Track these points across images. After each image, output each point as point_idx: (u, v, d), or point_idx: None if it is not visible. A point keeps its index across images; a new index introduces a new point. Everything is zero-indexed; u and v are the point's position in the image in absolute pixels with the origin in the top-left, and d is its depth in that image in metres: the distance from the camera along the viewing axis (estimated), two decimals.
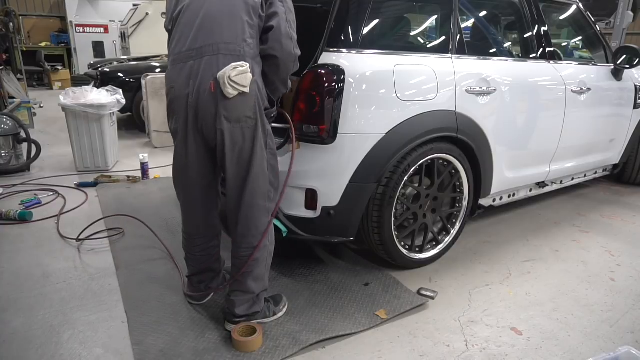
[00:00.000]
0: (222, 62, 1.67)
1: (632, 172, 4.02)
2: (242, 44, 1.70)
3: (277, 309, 2.07)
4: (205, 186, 1.96)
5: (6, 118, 4.29)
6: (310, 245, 2.76)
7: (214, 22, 1.72)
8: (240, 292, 1.93)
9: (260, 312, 1.99)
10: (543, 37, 2.97)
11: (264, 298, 2.03)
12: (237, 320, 1.94)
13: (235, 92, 1.66)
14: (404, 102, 2.20)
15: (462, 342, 1.97)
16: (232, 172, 1.79)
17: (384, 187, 2.24)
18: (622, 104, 3.52)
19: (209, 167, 1.90)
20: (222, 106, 1.68)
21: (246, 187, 1.80)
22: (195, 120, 1.76)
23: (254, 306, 1.96)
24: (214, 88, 1.67)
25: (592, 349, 1.96)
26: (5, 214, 3.09)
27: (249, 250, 1.88)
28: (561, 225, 3.27)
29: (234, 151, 1.75)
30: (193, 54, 1.73)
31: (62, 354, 1.84)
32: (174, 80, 1.79)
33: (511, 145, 2.78)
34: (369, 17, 2.23)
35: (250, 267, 1.89)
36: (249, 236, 1.87)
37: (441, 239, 2.62)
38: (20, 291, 2.28)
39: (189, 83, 1.73)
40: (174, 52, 1.81)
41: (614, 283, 2.50)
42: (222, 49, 1.70)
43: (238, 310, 1.93)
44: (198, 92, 1.71)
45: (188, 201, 2.01)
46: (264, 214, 1.87)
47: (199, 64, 1.71)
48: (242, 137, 1.74)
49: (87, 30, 10.56)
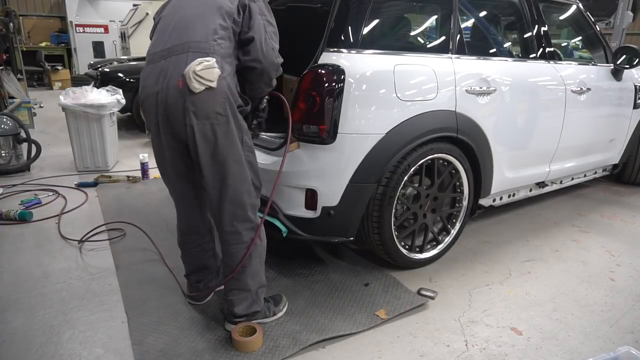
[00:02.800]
0: (190, 59, 1.68)
1: (632, 172, 4.02)
2: (212, 43, 1.71)
3: (277, 309, 2.07)
4: (190, 181, 1.96)
5: (6, 118, 4.29)
6: (310, 245, 2.76)
7: (187, 24, 1.77)
8: (237, 291, 1.93)
9: (260, 311, 1.99)
10: (543, 37, 2.97)
11: (264, 298, 2.03)
12: (237, 320, 1.94)
13: (202, 87, 1.65)
14: (404, 102, 2.20)
15: (462, 342, 1.98)
16: (208, 170, 1.78)
17: (384, 187, 2.24)
18: (621, 104, 3.52)
19: (187, 163, 1.90)
20: (190, 102, 1.68)
21: (227, 185, 1.80)
22: (166, 118, 1.77)
23: (253, 305, 1.95)
24: (182, 84, 1.68)
25: (592, 349, 1.96)
26: (5, 214, 3.09)
27: (239, 247, 1.87)
28: (561, 225, 3.27)
29: (207, 148, 1.74)
30: (165, 53, 1.77)
31: (62, 354, 1.84)
32: (145, 79, 1.83)
33: (511, 145, 2.78)
34: (369, 17, 2.23)
35: (244, 264, 1.89)
36: (236, 233, 1.86)
37: (441, 239, 2.62)
38: (20, 291, 2.28)
39: (158, 80, 1.75)
40: (148, 54, 1.86)
41: (614, 283, 2.50)
42: (192, 47, 1.72)
43: (237, 309, 1.93)
44: (167, 89, 1.72)
45: (175, 197, 2.03)
46: (250, 210, 1.86)
47: (168, 62, 1.74)
48: (214, 134, 1.72)
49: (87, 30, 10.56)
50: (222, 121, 1.72)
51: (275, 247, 2.72)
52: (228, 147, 1.75)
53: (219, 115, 1.71)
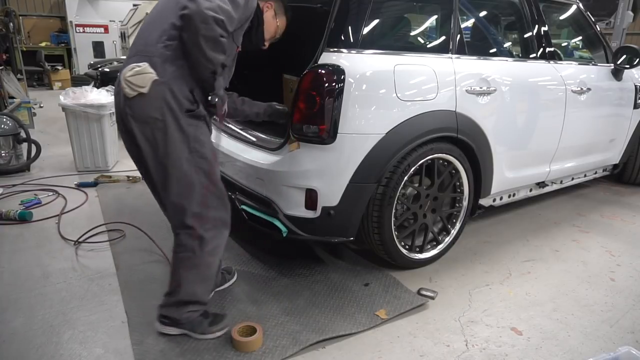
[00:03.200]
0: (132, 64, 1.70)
1: (632, 172, 4.02)
2: (158, 46, 1.69)
3: (208, 329, 1.92)
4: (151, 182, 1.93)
5: (6, 118, 4.29)
6: (310, 245, 2.76)
7: (148, 26, 1.78)
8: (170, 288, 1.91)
9: (185, 323, 1.91)
10: (543, 37, 2.97)
11: (206, 312, 1.96)
12: (162, 319, 1.92)
13: (133, 92, 1.66)
14: (404, 102, 2.19)
15: (462, 342, 1.97)
16: (153, 172, 1.78)
17: (384, 187, 2.24)
18: (622, 104, 3.52)
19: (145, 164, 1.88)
20: (127, 105, 1.70)
21: (167, 189, 1.79)
22: (120, 121, 1.80)
23: (175, 312, 1.89)
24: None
25: (592, 349, 1.96)
26: (5, 214, 3.09)
27: (180, 249, 1.85)
28: (561, 225, 3.27)
29: (149, 151, 1.74)
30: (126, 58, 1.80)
31: (62, 354, 1.84)
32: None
33: (511, 145, 2.78)
34: (369, 17, 2.22)
35: (176, 266, 1.88)
36: (177, 237, 1.85)
37: (441, 239, 2.62)
38: (20, 291, 2.28)
39: (117, 85, 1.78)
40: None
41: (614, 283, 2.50)
42: (139, 51, 1.73)
43: (161, 309, 1.93)
44: (117, 93, 1.76)
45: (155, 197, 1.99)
46: (190, 217, 1.80)
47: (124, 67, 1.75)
48: (154, 138, 1.71)
49: (87, 30, 10.54)
50: (160, 126, 1.70)
51: (275, 247, 2.72)
52: (168, 152, 1.73)
53: (157, 120, 1.69)
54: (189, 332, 1.92)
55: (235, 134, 2.67)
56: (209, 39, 1.61)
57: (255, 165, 2.32)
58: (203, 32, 1.59)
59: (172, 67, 1.68)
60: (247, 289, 2.32)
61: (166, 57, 1.68)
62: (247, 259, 2.61)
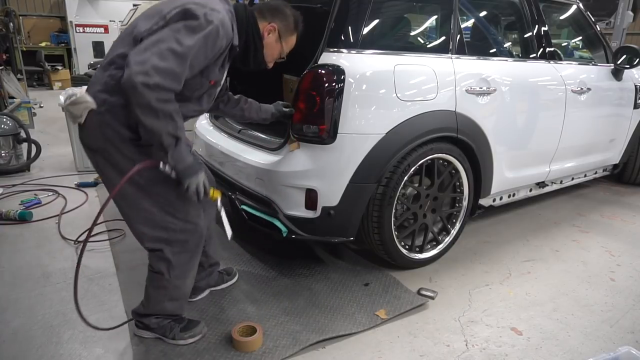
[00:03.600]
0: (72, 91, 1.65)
1: (632, 172, 4.02)
2: (104, 75, 1.62)
3: (179, 335, 1.88)
4: None
5: (6, 118, 4.29)
6: (310, 245, 2.76)
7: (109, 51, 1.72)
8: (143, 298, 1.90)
9: (155, 328, 1.90)
10: (543, 37, 2.97)
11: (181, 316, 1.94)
12: (136, 322, 1.91)
13: (75, 120, 1.64)
14: (404, 102, 2.19)
15: (462, 342, 1.97)
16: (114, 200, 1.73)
17: (384, 187, 2.24)
18: (622, 104, 3.52)
19: None
20: (79, 131, 1.69)
21: (122, 212, 1.79)
22: None
23: (144, 319, 1.89)
24: None
25: (592, 349, 1.96)
26: (5, 214, 3.09)
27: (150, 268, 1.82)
28: (561, 225, 3.27)
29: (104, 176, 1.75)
30: None
31: (62, 354, 1.84)
32: None
33: (511, 145, 2.78)
34: (369, 17, 2.22)
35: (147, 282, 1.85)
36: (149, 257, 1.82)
37: (441, 239, 2.62)
38: (20, 291, 2.28)
39: None
40: None
41: (614, 283, 2.50)
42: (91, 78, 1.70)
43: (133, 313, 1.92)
44: None
45: None
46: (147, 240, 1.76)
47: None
48: (100, 166, 1.72)
49: (87, 30, 10.54)
50: (103, 154, 1.67)
51: (275, 247, 2.72)
52: (112, 179, 1.70)
53: (99, 149, 1.66)
54: (161, 336, 1.91)
55: (235, 134, 2.67)
56: (142, 106, 1.48)
57: (255, 165, 2.32)
58: (134, 100, 1.48)
59: (113, 98, 1.59)
60: (247, 289, 2.32)
61: (109, 86, 1.60)
62: (247, 259, 2.61)
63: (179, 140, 1.58)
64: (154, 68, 1.46)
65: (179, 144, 1.59)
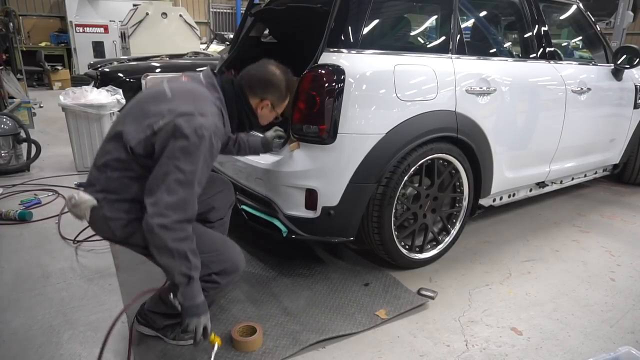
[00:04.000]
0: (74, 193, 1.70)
1: (632, 172, 4.02)
2: (100, 176, 1.68)
3: (181, 336, 1.89)
4: None
5: (6, 118, 4.29)
6: (310, 245, 2.76)
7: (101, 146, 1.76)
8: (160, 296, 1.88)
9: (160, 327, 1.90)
10: (543, 37, 2.97)
11: None
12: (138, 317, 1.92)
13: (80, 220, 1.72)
14: (404, 102, 2.19)
15: (462, 342, 1.97)
16: None
17: (384, 187, 2.24)
18: (622, 104, 3.52)
19: None
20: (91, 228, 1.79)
21: None
22: None
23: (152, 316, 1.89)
24: None
25: (592, 349, 1.96)
26: (5, 214, 3.09)
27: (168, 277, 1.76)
28: (561, 225, 3.27)
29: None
30: None
31: (62, 354, 1.84)
32: None
33: (511, 145, 2.78)
34: (369, 17, 2.22)
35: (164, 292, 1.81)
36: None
37: (441, 239, 2.62)
38: (20, 291, 2.28)
39: None
40: None
41: (614, 283, 2.50)
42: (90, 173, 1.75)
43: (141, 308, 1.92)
44: None
45: None
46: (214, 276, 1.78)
47: None
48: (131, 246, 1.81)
49: (87, 30, 10.55)
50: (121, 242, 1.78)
51: (275, 247, 2.72)
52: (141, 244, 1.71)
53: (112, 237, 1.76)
54: (161, 335, 1.91)
55: None
56: (158, 247, 1.55)
57: (255, 165, 2.32)
58: (151, 242, 1.55)
59: (111, 195, 1.67)
60: (247, 289, 2.32)
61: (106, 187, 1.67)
62: (247, 259, 2.59)
63: (191, 280, 1.59)
64: (166, 206, 1.52)
65: (191, 283, 1.60)
